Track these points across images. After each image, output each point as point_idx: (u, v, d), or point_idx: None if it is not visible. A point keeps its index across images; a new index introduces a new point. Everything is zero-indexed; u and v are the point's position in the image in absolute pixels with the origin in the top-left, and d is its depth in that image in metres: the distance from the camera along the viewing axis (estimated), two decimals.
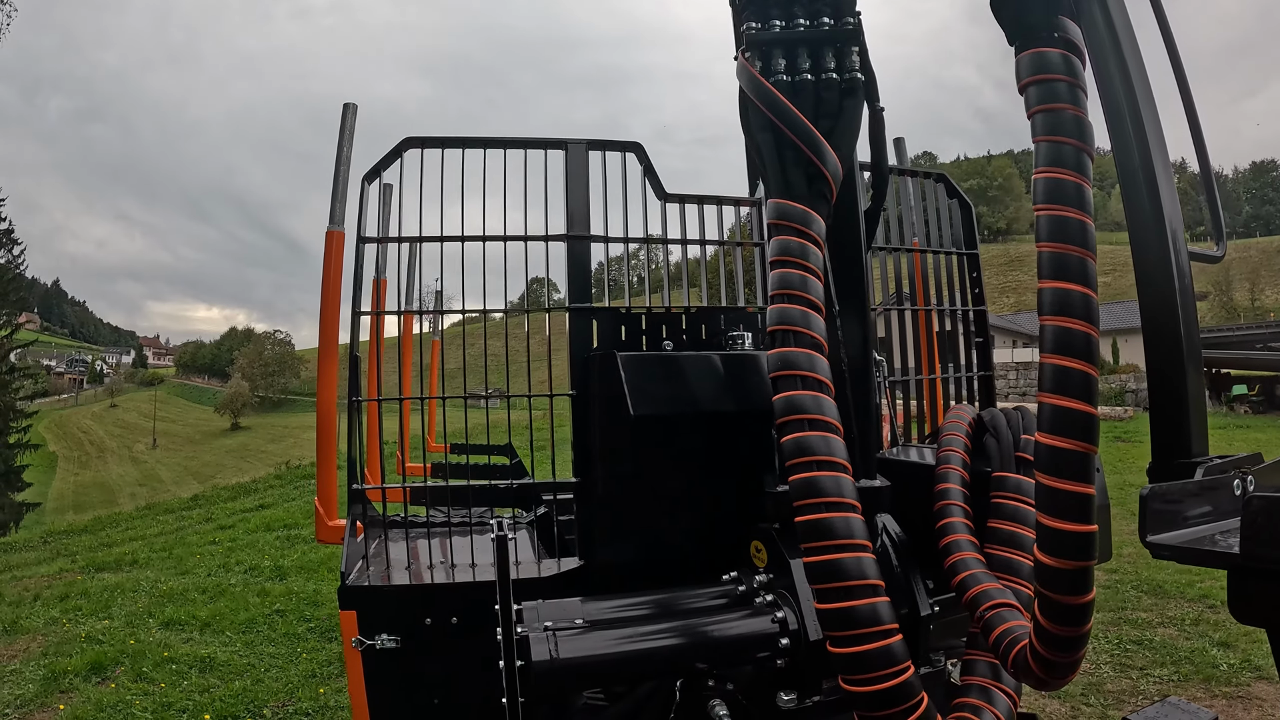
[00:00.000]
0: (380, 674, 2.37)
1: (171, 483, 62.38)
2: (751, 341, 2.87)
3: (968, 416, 2.44)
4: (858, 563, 1.64)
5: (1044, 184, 1.42)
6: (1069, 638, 1.47)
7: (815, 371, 1.76)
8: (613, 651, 1.98)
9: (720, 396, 2.61)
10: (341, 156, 3.57)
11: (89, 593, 10.00)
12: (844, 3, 2.09)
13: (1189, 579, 8.54)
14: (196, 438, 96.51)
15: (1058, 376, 1.42)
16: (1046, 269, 1.42)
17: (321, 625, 8.18)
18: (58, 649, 7.56)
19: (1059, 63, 1.42)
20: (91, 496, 57.85)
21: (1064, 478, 1.40)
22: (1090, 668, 6.27)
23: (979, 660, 1.92)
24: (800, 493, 1.70)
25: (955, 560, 1.95)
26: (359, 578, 2.52)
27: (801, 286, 1.83)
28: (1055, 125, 1.42)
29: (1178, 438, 1.47)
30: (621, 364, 2.44)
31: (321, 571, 10.75)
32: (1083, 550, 1.40)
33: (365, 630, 2.36)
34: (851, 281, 2.28)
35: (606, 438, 2.55)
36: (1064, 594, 1.43)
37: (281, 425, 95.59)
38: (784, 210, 1.93)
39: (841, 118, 2.05)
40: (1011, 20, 1.47)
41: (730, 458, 2.56)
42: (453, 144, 2.77)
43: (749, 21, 2.09)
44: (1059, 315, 1.41)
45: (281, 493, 24.30)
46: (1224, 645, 6.68)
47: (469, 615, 2.40)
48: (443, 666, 2.43)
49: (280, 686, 6.55)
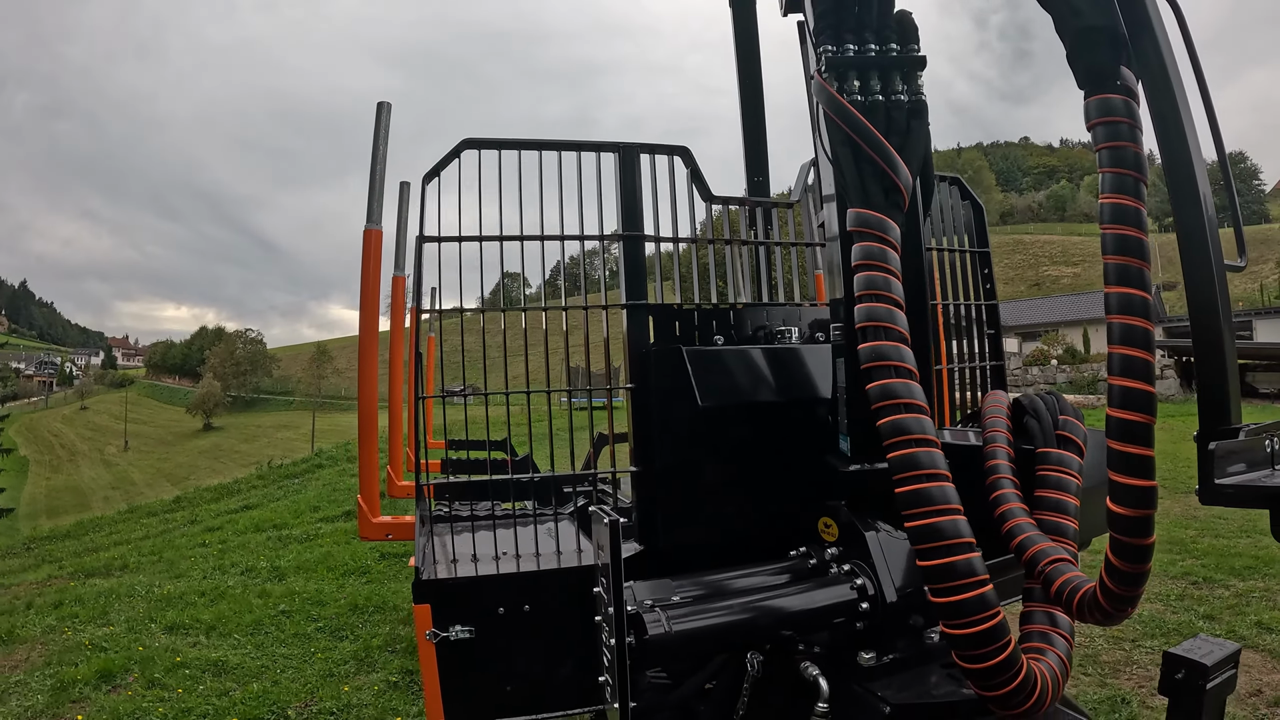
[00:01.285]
0: (455, 664, 2.44)
1: (145, 485, 61.57)
2: (797, 336, 3.03)
3: (1006, 401, 2.63)
4: (954, 525, 1.86)
5: (1110, 208, 1.73)
6: (1136, 574, 1.76)
7: (904, 361, 1.98)
8: (717, 623, 2.15)
9: (775, 387, 2.80)
10: (377, 155, 3.66)
11: (83, 599, 9.95)
12: (908, 31, 2.35)
13: (1171, 558, 8.85)
14: (169, 439, 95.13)
15: (1125, 363, 1.70)
16: (1113, 277, 1.72)
17: (330, 624, 8.23)
18: (61, 657, 7.51)
19: (1121, 107, 1.74)
20: (64, 500, 56.93)
21: (1133, 443, 1.69)
22: (1085, 641, 6.52)
23: (1037, 610, 2.13)
24: (901, 467, 1.91)
25: (1012, 525, 2.14)
26: (432, 571, 2.60)
27: (885, 287, 2.05)
28: (1119, 160, 1.73)
29: (1223, 409, 1.74)
30: (688, 357, 2.60)
31: (320, 571, 10.80)
32: (1147, 501, 1.69)
33: (439, 623, 2.43)
34: (914, 280, 2.47)
35: (669, 428, 2.69)
36: (1134, 537, 1.72)
37: (255, 425, 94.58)
38: (865, 219, 2.13)
39: (910, 135, 2.28)
40: (1084, 69, 1.79)
41: (783, 443, 2.73)
42: (510, 145, 2.86)
43: (825, 45, 2.29)
44: (1124, 314, 1.71)
45: (265, 493, 24.23)
46: (1209, 618, 6.99)
47: (541, 602, 2.50)
48: (515, 653, 2.51)
49: (300, 687, 6.59)
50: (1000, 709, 1.88)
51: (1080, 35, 1.80)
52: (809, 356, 2.88)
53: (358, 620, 8.37)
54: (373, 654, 7.29)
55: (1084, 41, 1.80)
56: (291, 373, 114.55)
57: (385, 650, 7.37)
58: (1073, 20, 1.82)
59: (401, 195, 5.22)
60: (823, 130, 2.29)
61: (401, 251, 5.30)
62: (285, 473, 27.94)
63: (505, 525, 3.00)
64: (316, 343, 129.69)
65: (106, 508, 37.98)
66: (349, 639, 7.77)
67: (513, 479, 3.05)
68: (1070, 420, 2.42)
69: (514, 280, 3.02)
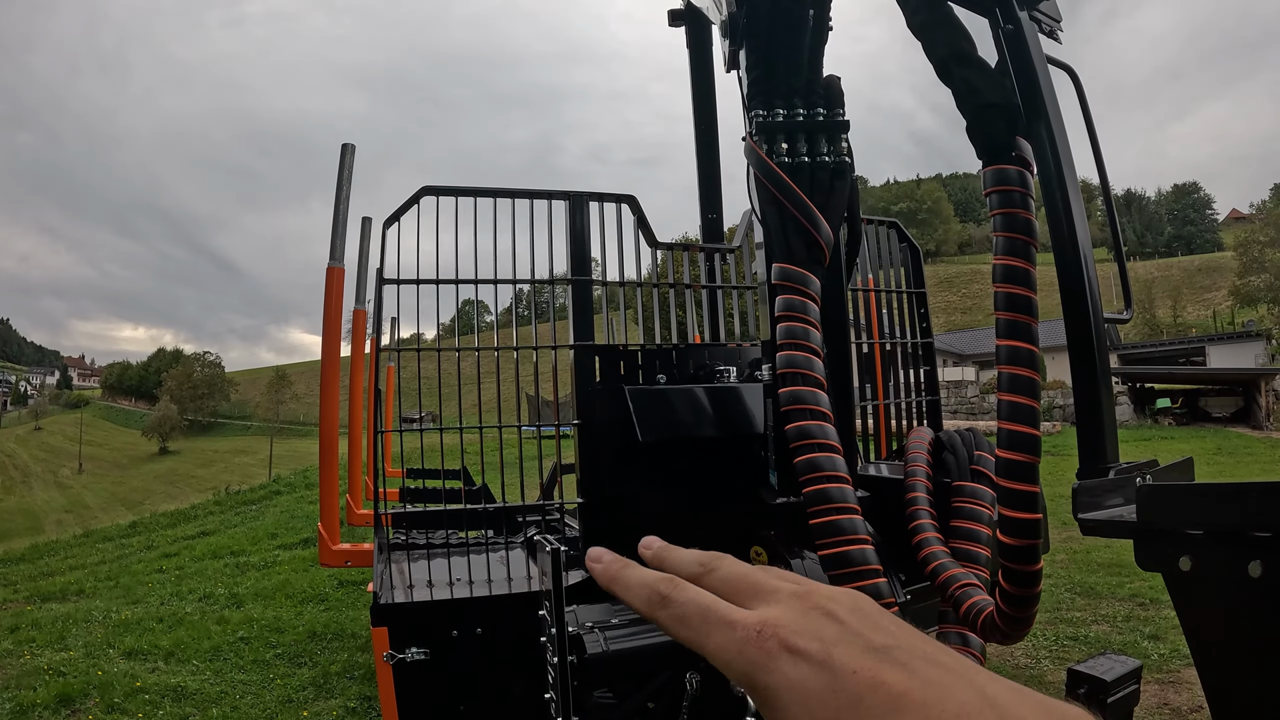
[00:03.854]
0: (411, 685, 2.55)
1: (99, 509, 60.13)
2: (735, 376, 3.22)
3: (928, 437, 2.83)
4: (862, 553, 2.04)
5: (1003, 269, 1.91)
6: (1026, 597, 1.93)
7: (819, 405, 2.16)
8: (650, 643, 2.30)
9: (712, 423, 2.96)
10: (341, 195, 3.80)
11: (40, 623, 9.79)
12: (835, 96, 2.53)
13: (1119, 580, 9.11)
14: (124, 462, 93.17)
15: (1011, 409, 1.89)
16: (1003, 331, 1.90)
17: (289, 651, 8.19)
18: (19, 681, 7.40)
19: (1015, 177, 1.93)
20: (15, 523, 55.35)
21: (1018, 480, 1.88)
22: (1030, 662, 6.73)
23: (950, 632, 2.30)
24: (813, 501, 2.09)
25: (927, 553, 2.34)
26: (389, 595, 2.72)
27: (804, 336, 2.24)
28: (1011, 225, 1.92)
29: (1097, 448, 1.92)
30: (630, 396, 2.78)
31: (279, 598, 10.71)
32: (1031, 532, 1.87)
33: (396, 645, 2.55)
34: (835, 324, 2.66)
35: (612, 461, 2.85)
36: (1021, 564, 1.89)
37: (211, 449, 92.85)
38: (787, 273, 2.33)
39: (833, 194, 2.46)
40: (981, 142, 1.97)
41: (719, 476, 2.90)
42: (465, 193, 3.02)
43: (756, 109, 2.47)
44: (1013, 365, 1.90)
45: (223, 519, 23.80)
46: (1154, 638, 7.20)
47: (492, 625, 2.63)
48: (469, 674, 2.63)
49: (259, 713, 6.58)
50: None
51: (978, 112, 2.00)
52: (746, 395, 3.06)
53: (316, 647, 8.35)
54: (331, 680, 7.29)
55: (981, 118, 1.99)
56: (249, 397, 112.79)
57: (344, 676, 7.37)
58: (971, 98, 2.01)
59: (363, 230, 5.36)
60: (753, 189, 2.47)
61: (362, 284, 5.44)
62: (243, 499, 27.48)
63: (460, 553, 3.14)
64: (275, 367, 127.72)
65: (60, 531, 37.03)
66: (307, 665, 7.75)
67: (465, 509, 3.18)
68: (984, 455, 2.62)
69: (473, 308, 3.18)
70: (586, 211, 3.09)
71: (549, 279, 3.08)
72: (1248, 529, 1.38)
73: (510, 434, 3.05)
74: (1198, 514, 1.46)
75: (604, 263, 3.15)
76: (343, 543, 3.80)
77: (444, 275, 3.00)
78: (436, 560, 3.09)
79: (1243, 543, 1.39)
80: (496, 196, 3.05)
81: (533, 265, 3.06)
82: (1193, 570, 1.48)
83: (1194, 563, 1.48)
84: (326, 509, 3.75)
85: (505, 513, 3.37)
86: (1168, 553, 1.52)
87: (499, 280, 3.06)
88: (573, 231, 3.06)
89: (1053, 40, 2.32)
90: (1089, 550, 10.51)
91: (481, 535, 3.43)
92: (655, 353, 3.18)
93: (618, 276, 3.19)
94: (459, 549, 3.17)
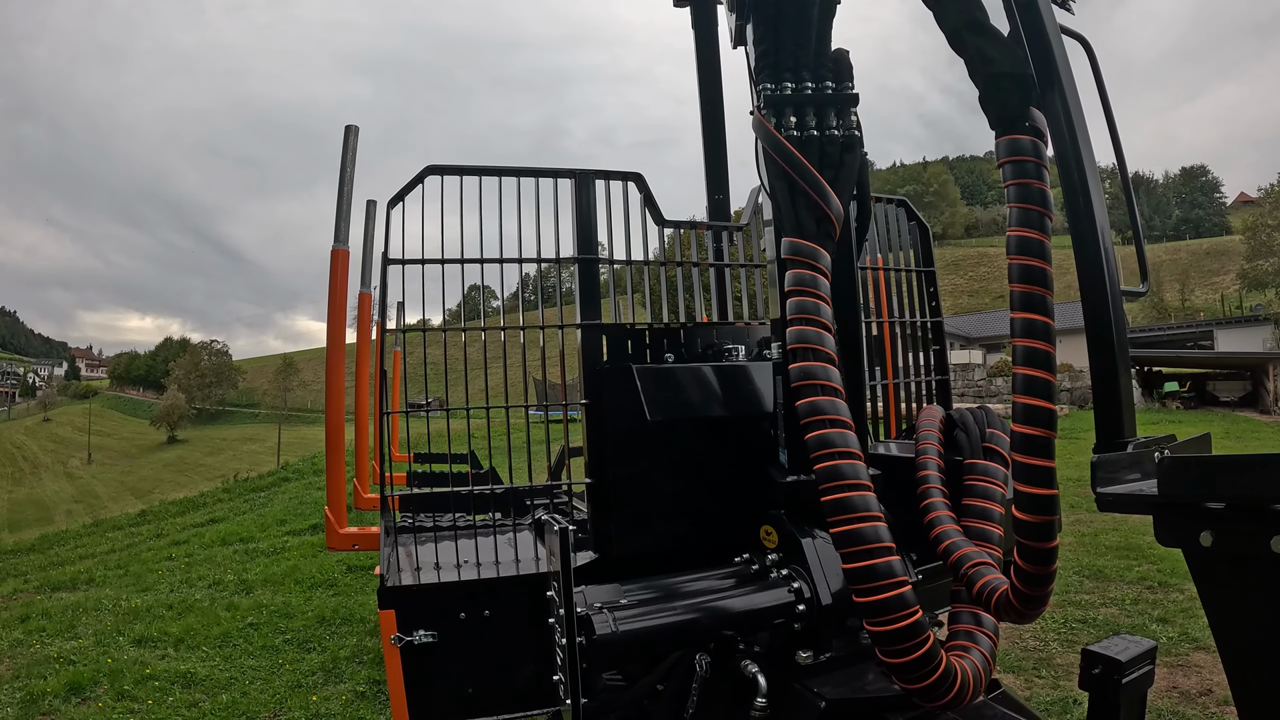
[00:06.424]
0: (418, 667, 2.53)
1: (109, 499, 60.40)
2: (744, 354, 3.18)
3: (939, 415, 2.79)
4: (874, 530, 2.01)
5: (1017, 240, 1.88)
6: (1042, 575, 1.91)
7: (830, 380, 2.13)
8: (661, 623, 2.29)
9: (721, 403, 2.95)
10: (345, 177, 3.76)
11: (50, 613, 9.87)
12: (844, 70, 2.49)
13: (1127, 564, 9.10)
14: (132, 452, 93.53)
15: (1028, 382, 1.85)
16: (1018, 303, 1.86)
17: (298, 637, 8.25)
18: (29, 670, 7.48)
19: (1029, 147, 1.89)
20: (26, 514, 55.69)
21: (1035, 456, 1.84)
22: (1039, 645, 6.72)
23: (963, 611, 2.28)
24: (825, 478, 2.06)
25: (939, 532, 2.30)
26: (396, 578, 2.71)
27: (815, 311, 2.21)
28: (1025, 196, 1.88)
29: (1115, 422, 1.88)
30: (638, 375, 2.75)
31: (288, 584, 10.77)
32: (1048, 508, 1.84)
33: (403, 627, 2.53)
34: (846, 301, 2.63)
35: (621, 442, 2.82)
36: (1037, 541, 1.87)
37: (220, 438, 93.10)
38: (797, 247, 2.29)
39: (842, 169, 2.43)
40: (995, 112, 1.93)
41: (728, 456, 2.88)
42: (470, 171, 2.98)
43: (765, 83, 2.43)
44: (1028, 338, 1.86)
45: (231, 506, 23.96)
46: (1163, 621, 7.20)
47: (500, 607, 2.61)
48: (477, 656, 2.61)
49: (268, 698, 6.63)
50: (923, 701, 2.03)
51: (991, 81, 1.96)
52: (755, 373, 3.04)
53: (325, 632, 8.39)
54: (340, 665, 7.33)
55: (995, 87, 1.95)
56: (257, 385, 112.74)
57: (353, 661, 7.41)
58: (985, 67, 1.97)
59: (368, 213, 5.32)
60: (761, 164, 2.43)
61: (368, 268, 5.41)
62: (251, 486, 27.66)
63: (467, 535, 3.12)
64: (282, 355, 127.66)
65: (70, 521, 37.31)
66: (316, 650, 7.79)
67: (472, 491, 3.16)
68: (997, 433, 2.59)
69: (479, 293, 3.15)
70: (593, 190, 3.05)
71: (555, 258, 3.05)
72: (1271, 500, 1.35)
73: (518, 418, 3.03)
74: (1220, 486, 1.43)
75: (610, 243, 3.11)
76: (350, 526, 3.79)
77: (449, 256, 2.97)
78: (444, 543, 3.07)
79: (1265, 517, 1.36)
80: (501, 175, 3.01)
81: (538, 244, 3.03)
82: (1214, 545, 1.45)
83: (1215, 537, 1.45)
84: (333, 493, 3.74)
85: (513, 495, 3.35)
86: (1188, 527, 1.50)
87: (504, 260, 3.02)
88: (579, 210, 3.02)
89: (1065, 11, 2.28)
90: (1097, 534, 10.50)
91: (489, 518, 3.41)
92: (663, 332, 3.16)
93: (624, 256, 3.16)
94: (466, 531, 3.16)
